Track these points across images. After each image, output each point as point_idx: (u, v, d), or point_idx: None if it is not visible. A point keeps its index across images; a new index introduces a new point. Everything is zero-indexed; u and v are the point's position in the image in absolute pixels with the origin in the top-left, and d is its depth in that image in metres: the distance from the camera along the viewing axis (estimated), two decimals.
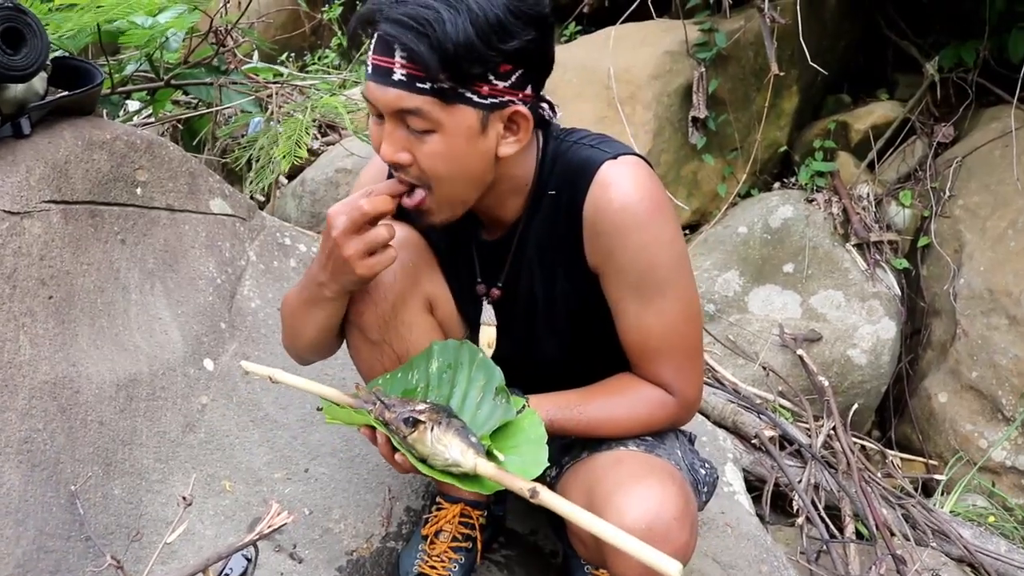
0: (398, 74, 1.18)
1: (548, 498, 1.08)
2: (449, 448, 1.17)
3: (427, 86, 1.17)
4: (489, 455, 1.19)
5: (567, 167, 1.33)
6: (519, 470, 1.17)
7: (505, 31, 1.17)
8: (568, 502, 1.08)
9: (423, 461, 1.20)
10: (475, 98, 1.20)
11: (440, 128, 1.21)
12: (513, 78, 1.22)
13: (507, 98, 1.23)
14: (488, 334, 1.46)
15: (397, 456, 1.24)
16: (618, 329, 1.37)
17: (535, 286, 1.42)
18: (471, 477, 1.17)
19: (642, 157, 1.34)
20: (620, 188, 1.28)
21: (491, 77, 1.20)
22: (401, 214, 1.41)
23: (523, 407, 1.29)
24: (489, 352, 1.43)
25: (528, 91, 1.25)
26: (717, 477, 1.52)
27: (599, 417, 1.38)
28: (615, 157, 1.30)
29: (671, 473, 1.29)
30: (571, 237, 1.34)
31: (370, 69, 1.22)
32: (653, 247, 1.29)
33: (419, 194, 1.27)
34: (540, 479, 1.15)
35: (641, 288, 1.31)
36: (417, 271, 1.44)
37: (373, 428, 1.27)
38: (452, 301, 1.51)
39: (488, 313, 1.46)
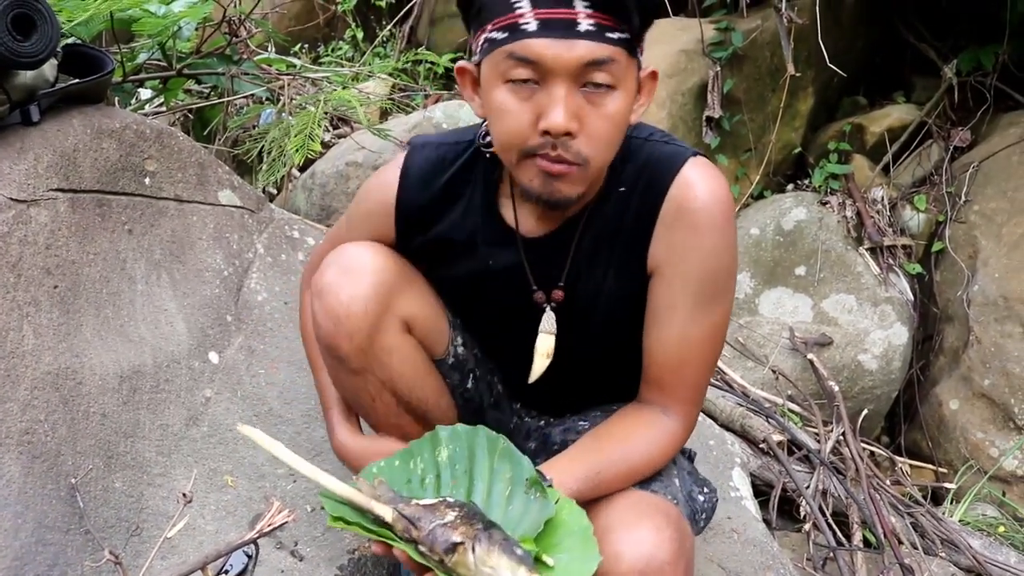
0: (584, 24, 1.09)
1: None
2: (497, 570, 1.04)
3: (616, 36, 1.10)
4: (537, 562, 1.08)
5: (644, 163, 1.27)
6: (572, 569, 1.08)
7: None
8: None
9: None
10: (639, 55, 1.15)
11: (621, 84, 1.13)
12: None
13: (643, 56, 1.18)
14: (547, 343, 1.35)
15: None
16: (653, 339, 1.30)
17: (591, 288, 1.34)
18: None
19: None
20: (705, 188, 1.24)
21: (645, 33, 1.15)
22: (400, 222, 1.38)
23: (558, 499, 1.17)
24: (546, 362, 1.35)
25: None
26: (717, 500, 1.47)
27: (620, 473, 1.27)
28: (694, 156, 1.27)
29: (666, 513, 1.23)
30: (635, 235, 1.28)
31: (534, 25, 1.10)
32: (725, 253, 1.26)
33: (569, 167, 1.16)
34: None
35: (700, 294, 1.26)
36: (389, 295, 1.35)
37: (387, 543, 1.13)
38: (430, 320, 1.43)
39: (550, 320, 1.35)
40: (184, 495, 1.29)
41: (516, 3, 1.10)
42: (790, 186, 3.60)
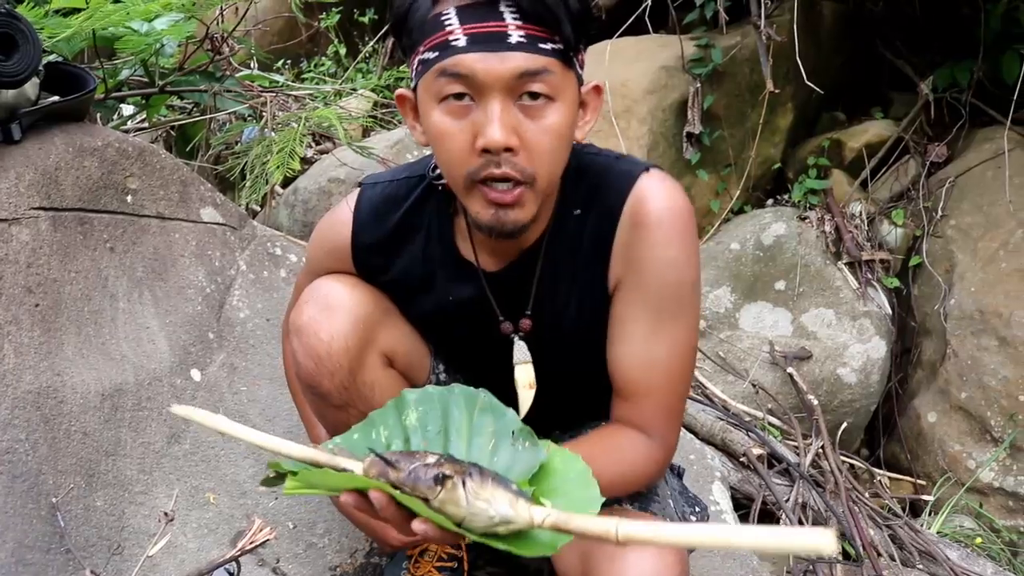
0: (515, 36, 1.06)
1: (635, 530, 0.82)
2: (493, 502, 0.89)
3: (549, 47, 1.07)
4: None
5: (596, 181, 1.25)
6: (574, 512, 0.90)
7: None
8: (660, 526, 0.84)
9: (458, 524, 0.91)
10: (578, 67, 1.13)
11: (560, 95, 1.10)
12: (584, 50, 1.15)
13: (583, 71, 1.16)
14: (527, 373, 1.32)
15: (416, 524, 0.93)
16: (617, 357, 1.27)
17: (558, 313, 1.32)
18: (521, 536, 0.91)
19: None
20: (660, 200, 1.21)
21: (582, 45, 1.13)
22: (359, 262, 1.36)
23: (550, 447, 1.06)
24: (531, 393, 1.32)
25: None
26: (708, 519, 1.47)
27: (602, 480, 1.20)
28: (647, 169, 1.24)
29: None
30: (594, 255, 1.26)
31: (463, 41, 1.07)
32: (685, 265, 1.22)
33: (517, 189, 1.13)
34: None
35: (660, 309, 1.23)
36: (369, 330, 1.33)
37: (360, 493, 0.96)
38: (410, 350, 1.41)
39: (521, 349, 1.33)
40: (166, 514, 1.29)
41: (445, 20, 1.08)
42: (770, 201, 3.64)
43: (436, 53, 1.09)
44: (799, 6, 3.16)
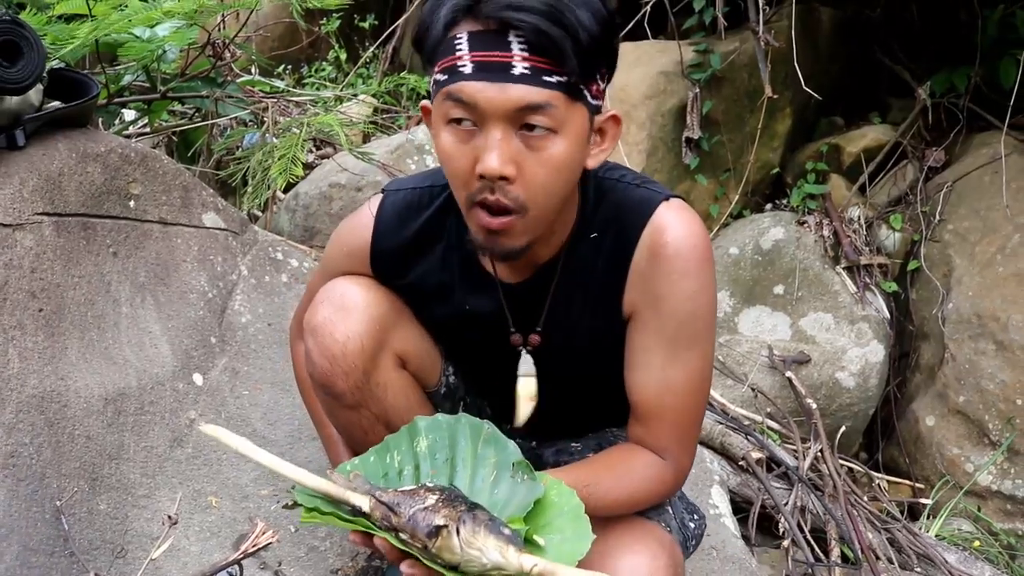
0: (519, 68, 1.06)
1: None
2: (485, 551, 0.98)
3: (554, 80, 1.07)
4: (527, 542, 1.03)
5: (616, 207, 1.26)
6: (565, 550, 1.03)
7: (612, 25, 1.11)
8: None
9: (454, 568, 1.00)
10: (589, 98, 1.12)
11: (562, 128, 1.10)
12: (608, 79, 1.16)
13: (603, 101, 1.16)
14: (528, 386, 1.35)
15: (405, 568, 1.04)
16: (633, 382, 1.29)
17: (568, 331, 1.34)
18: None
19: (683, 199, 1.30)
20: (678, 232, 1.22)
21: (598, 76, 1.13)
22: (376, 267, 1.38)
23: (547, 481, 1.12)
24: (531, 406, 1.35)
25: None
26: (705, 525, 1.49)
27: (606, 500, 1.24)
28: (667, 199, 1.25)
29: (661, 540, 1.26)
30: (609, 280, 1.27)
31: (469, 68, 1.08)
32: (701, 297, 1.24)
33: (506, 218, 1.14)
34: None
35: (676, 339, 1.24)
36: (383, 331, 1.35)
37: (366, 533, 1.07)
38: (423, 353, 1.43)
39: (527, 363, 1.35)
40: (169, 517, 1.30)
41: (457, 44, 1.09)
42: (768, 206, 3.66)
43: (446, 76, 1.11)
44: (797, 12, 3.18)
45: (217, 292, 1.93)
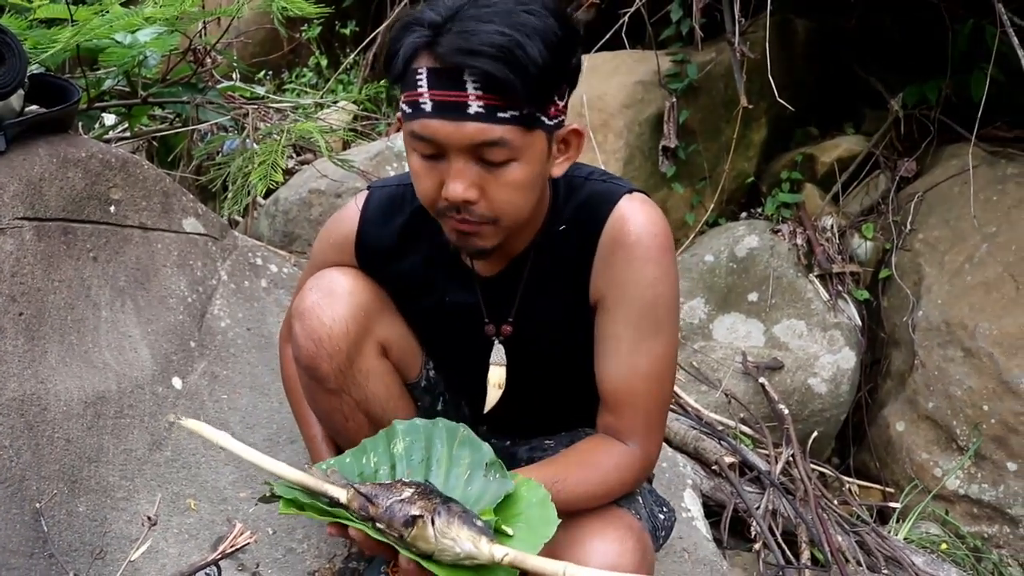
0: (474, 107, 1.13)
1: (579, 573, 1.02)
2: (458, 541, 1.04)
3: (508, 115, 1.14)
4: (497, 532, 1.09)
5: (583, 201, 1.34)
6: (531, 537, 1.09)
7: (568, 47, 1.16)
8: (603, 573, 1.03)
9: (428, 557, 1.06)
10: (547, 120, 1.19)
11: (520, 156, 1.17)
12: (567, 96, 1.23)
13: (563, 117, 1.23)
14: (498, 374, 1.42)
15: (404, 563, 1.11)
16: (601, 369, 1.35)
17: (539, 321, 1.40)
18: (485, 568, 1.05)
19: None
20: (639, 221, 1.30)
21: (556, 97, 1.19)
22: (362, 258, 1.44)
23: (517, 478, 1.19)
24: (498, 393, 1.41)
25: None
26: (675, 520, 1.54)
27: (576, 493, 1.28)
28: (630, 192, 1.33)
29: (629, 525, 1.30)
30: (576, 270, 1.34)
31: (429, 107, 1.15)
32: (662, 283, 1.30)
33: (476, 225, 1.22)
34: None
35: (641, 324, 1.31)
36: (368, 318, 1.42)
37: (343, 524, 1.12)
38: (405, 343, 1.50)
39: (499, 352, 1.42)
40: (149, 519, 1.32)
41: (418, 80, 1.15)
42: (743, 214, 3.70)
43: (410, 110, 1.18)
44: (773, 23, 3.22)
45: (197, 297, 1.95)
